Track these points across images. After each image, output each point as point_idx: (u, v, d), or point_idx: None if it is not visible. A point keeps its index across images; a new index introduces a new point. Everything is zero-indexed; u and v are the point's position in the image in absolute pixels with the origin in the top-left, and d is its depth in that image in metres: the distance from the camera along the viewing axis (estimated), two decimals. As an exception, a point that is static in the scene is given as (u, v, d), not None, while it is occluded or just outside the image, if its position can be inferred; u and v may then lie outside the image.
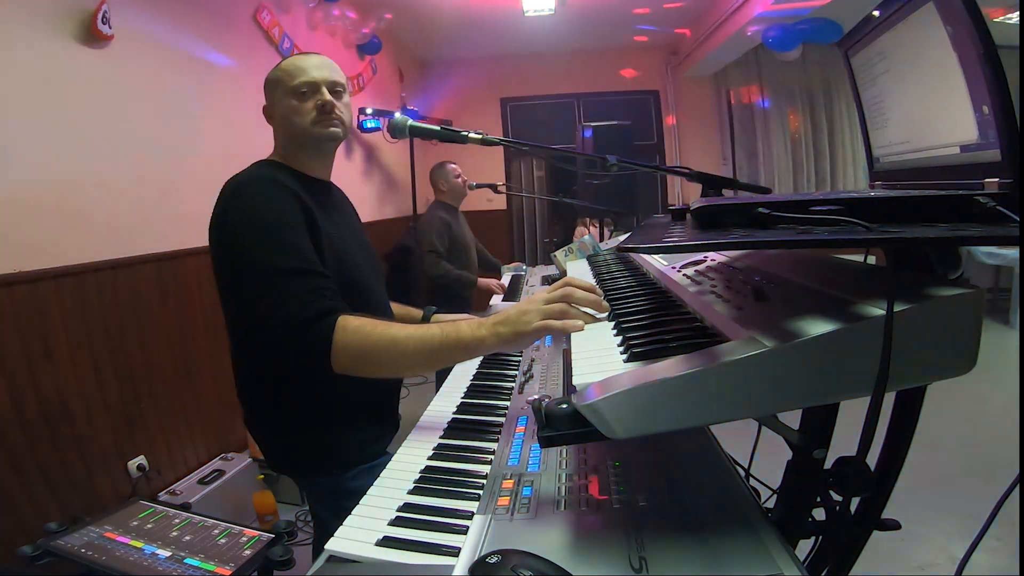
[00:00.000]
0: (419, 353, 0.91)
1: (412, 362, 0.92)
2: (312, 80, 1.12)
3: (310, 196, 1.08)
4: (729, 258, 0.96)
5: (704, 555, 0.57)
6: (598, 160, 1.28)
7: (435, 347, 0.90)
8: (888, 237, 0.48)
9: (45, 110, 1.81)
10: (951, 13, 0.60)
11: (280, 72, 1.15)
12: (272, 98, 1.16)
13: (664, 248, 0.60)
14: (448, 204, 3.08)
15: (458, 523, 0.69)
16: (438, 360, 0.93)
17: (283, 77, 1.13)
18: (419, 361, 0.92)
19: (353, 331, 0.92)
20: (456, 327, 0.90)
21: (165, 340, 2.27)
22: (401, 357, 0.92)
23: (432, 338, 0.90)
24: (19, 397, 1.69)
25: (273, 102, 1.16)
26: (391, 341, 0.92)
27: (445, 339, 0.89)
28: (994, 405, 2.89)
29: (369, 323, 0.93)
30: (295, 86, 1.12)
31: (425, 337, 0.90)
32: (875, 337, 0.49)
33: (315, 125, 1.12)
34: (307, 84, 1.12)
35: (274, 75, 1.16)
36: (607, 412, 0.54)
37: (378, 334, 0.92)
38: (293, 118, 1.12)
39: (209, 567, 1.06)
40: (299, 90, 1.12)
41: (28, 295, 1.74)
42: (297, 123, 1.12)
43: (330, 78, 1.14)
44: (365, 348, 0.92)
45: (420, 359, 0.91)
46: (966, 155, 0.64)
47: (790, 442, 0.69)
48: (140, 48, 2.18)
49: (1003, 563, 1.65)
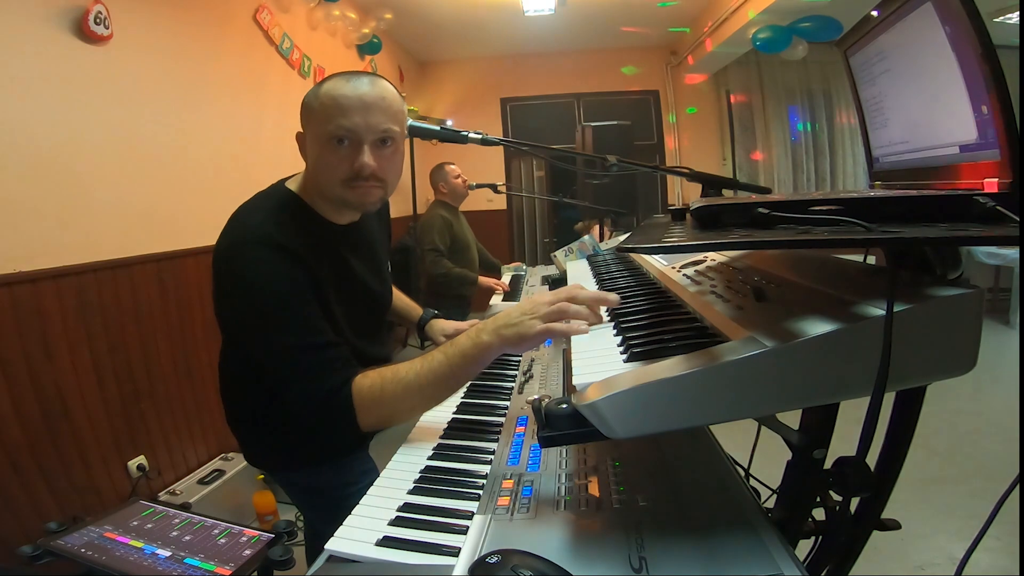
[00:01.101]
0: (434, 385, 0.90)
1: (431, 395, 0.92)
2: (352, 128, 0.89)
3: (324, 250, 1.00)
4: (729, 258, 0.96)
5: (704, 555, 0.57)
6: (598, 160, 1.28)
7: (446, 373, 0.89)
8: (888, 237, 0.49)
9: (45, 109, 1.81)
10: (949, 13, 0.60)
11: (317, 101, 0.91)
12: (306, 128, 0.96)
13: (664, 248, 0.60)
14: (448, 204, 3.09)
15: (458, 523, 0.69)
16: (454, 384, 0.92)
17: (318, 111, 0.90)
18: (436, 393, 0.92)
19: (368, 391, 0.91)
20: (456, 345, 0.89)
21: (165, 340, 2.27)
22: (419, 398, 0.92)
23: (440, 367, 0.89)
24: (19, 397, 1.69)
25: (306, 133, 0.96)
26: (405, 388, 0.90)
27: (451, 362, 0.88)
28: (994, 405, 2.89)
29: (378, 377, 0.92)
30: (329, 131, 0.90)
31: (434, 369, 0.89)
32: (875, 337, 0.49)
33: (346, 188, 0.94)
34: (345, 132, 0.90)
35: (311, 102, 0.93)
36: (607, 412, 0.54)
37: (391, 387, 0.91)
38: (322, 171, 0.94)
39: (209, 567, 1.06)
40: (334, 136, 0.90)
41: (28, 295, 1.74)
42: (325, 176, 0.94)
43: (379, 126, 0.91)
44: (383, 406, 0.92)
45: (436, 391, 0.91)
46: (966, 155, 0.64)
47: (790, 442, 0.70)
48: (140, 48, 2.17)
49: (1003, 563, 1.64)
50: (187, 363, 2.38)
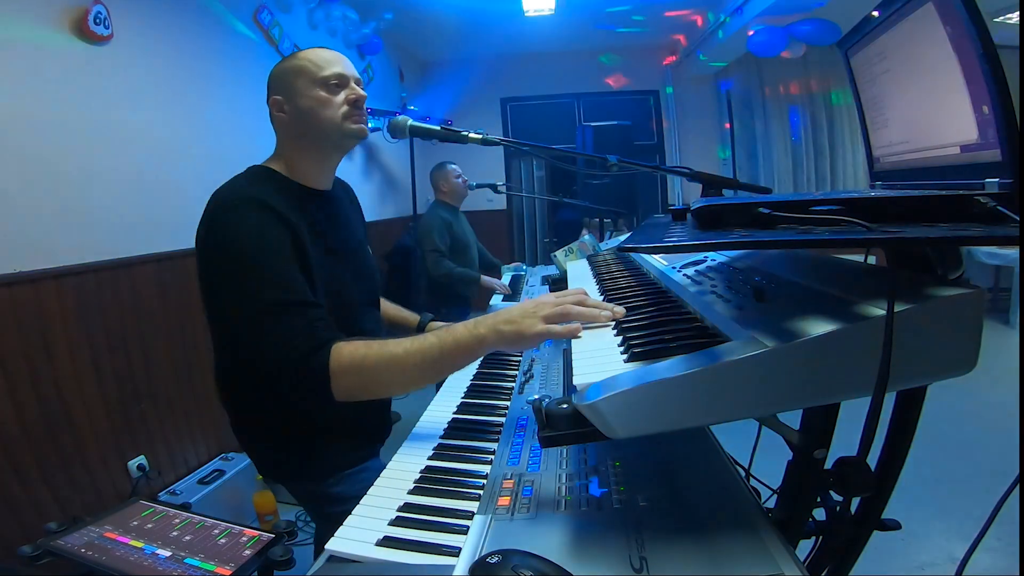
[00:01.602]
0: (420, 366, 0.87)
1: (414, 377, 0.89)
2: (343, 73, 1.08)
3: (303, 215, 1.03)
4: (729, 258, 0.96)
5: (704, 555, 0.57)
6: (598, 160, 1.28)
7: (435, 356, 0.86)
8: (888, 237, 0.48)
9: (45, 109, 1.81)
10: (950, 13, 0.60)
11: (304, 62, 1.08)
12: (292, 89, 1.08)
13: (664, 248, 0.60)
14: (448, 204, 3.09)
15: (458, 523, 0.69)
16: (441, 369, 0.90)
17: (309, 67, 1.07)
18: (421, 375, 0.88)
19: (348, 357, 0.88)
20: (452, 331, 0.87)
21: (165, 340, 2.27)
22: (402, 375, 0.89)
23: (431, 348, 0.87)
24: (19, 397, 1.69)
25: (294, 93, 1.07)
26: (389, 360, 0.88)
27: (443, 346, 0.86)
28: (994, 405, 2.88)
29: (364, 345, 0.90)
30: (326, 77, 1.06)
31: (423, 348, 0.87)
32: (875, 337, 0.49)
33: (346, 120, 1.07)
34: (338, 77, 1.07)
35: (295, 65, 1.09)
36: (607, 412, 0.54)
37: (374, 356, 0.88)
38: (323, 110, 1.06)
39: (209, 567, 1.06)
40: (330, 81, 1.06)
41: (28, 295, 1.74)
42: (327, 116, 1.06)
43: (354, 72, 1.10)
44: (363, 373, 0.89)
45: (422, 372, 0.88)
46: (966, 155, 0.64)
47: (790, 442, 0.70)
48: (140, 47, 2.18)
49: (1003, 563, 1.64)
50: (187, 363, 2.38)
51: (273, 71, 1.12)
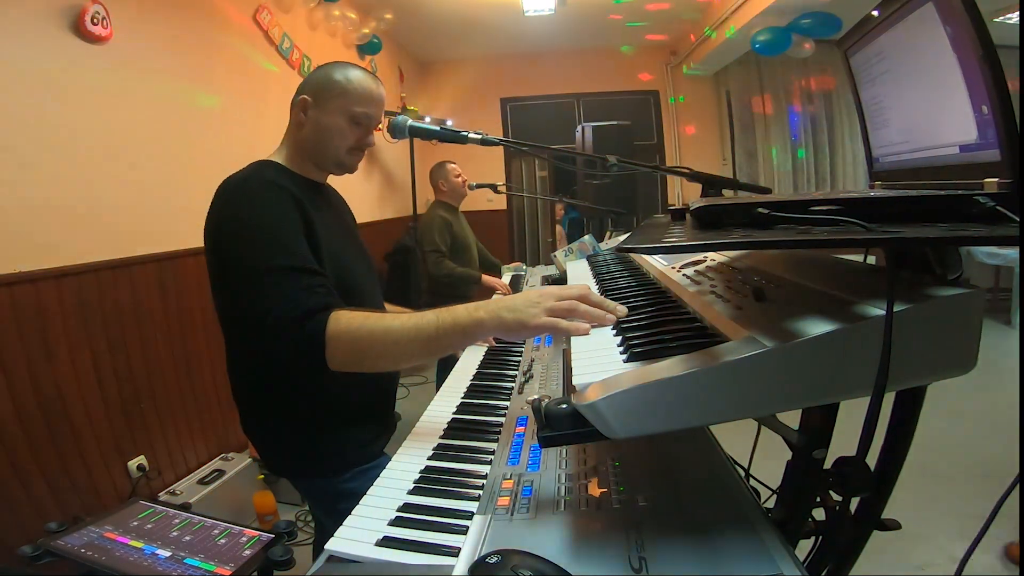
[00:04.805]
0: (416, 341, 0.86)
1: (409, 351, 0.88)
2: (372, 116, 1.13)
3: (306, 197, 1.06)
4: (729, 258, 0.96)
5: (704, 555, 0.57)
6: (598, 160, 1.28)
7: (432, 333, 0.85)
8: (888, 237, 0.48)
9: (45, 109, 1.81)
10: (950, 13, 0.60)
11: (350, 87, 1.11)
12: (325, 101, 1.11)
13: (664, 248, 0.60)
14: (448, 204, 3.09)
15: (458, 523, 0.69)
16: (436, 347, 0.88)
17: (351, 94, 1.11)
18: (416, 349, 0.87)
19: (346, 324, 0.88)
20: (452, 311, 0.86)
21: (165, 340, 2.27)
22: (396, 347, 0.88)
23: (428, 324, 0.86)
24: (19, 397, 1.69)
25: (324, 106, 1.11)
26: (385, 331, 0.88)
27: (441, 324, 0.85)
28: (994, 405, 2.89)
29: (361, 315, 0.90)
30: (357, 113, 1.11)
31: (420, 324, 0.86)
32: (875, 337, 0.49)
33: (347, 155, 1.14)
34: (367, 118, 1.12)
35: (341, 83, 1.11)
36: (607, 412, 0.54)
37: (371, 325, 0.89)
38: (335, 138, 1.12)
39: (209, 567, 1.06)
40: (359, 118, 1.12)
41: (28, 295, 1.74)
42: (335, 144, 1.12)
43: (380, 119, 1.16)
44: (359, 341, 0.88)
45: (417, 347, 0.87)
46: (966, 155, 0.64)
47: (790, 442, 0.70)
48: (140, 47, 2.18)
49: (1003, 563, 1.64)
50: (187, 363, 2.38)
51: (319, 72, 1.15)
